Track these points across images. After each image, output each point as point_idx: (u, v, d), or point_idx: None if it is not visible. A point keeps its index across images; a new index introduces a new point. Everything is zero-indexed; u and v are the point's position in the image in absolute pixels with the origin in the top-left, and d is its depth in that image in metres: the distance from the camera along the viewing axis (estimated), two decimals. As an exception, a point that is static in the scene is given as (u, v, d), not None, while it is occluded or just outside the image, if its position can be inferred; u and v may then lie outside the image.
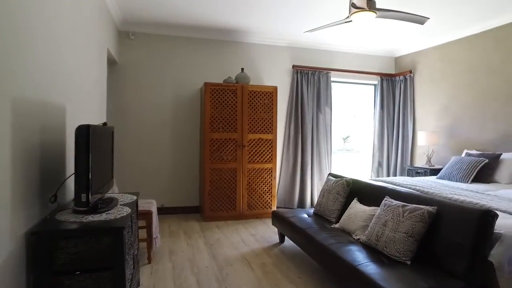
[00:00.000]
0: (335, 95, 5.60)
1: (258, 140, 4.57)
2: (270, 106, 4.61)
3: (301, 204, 5.29)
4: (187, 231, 4.03)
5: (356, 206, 2.94)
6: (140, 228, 3.12)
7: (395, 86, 5.82)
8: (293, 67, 5.21)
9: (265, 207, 4.65)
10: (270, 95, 4.60)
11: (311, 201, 5.34)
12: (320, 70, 5.34)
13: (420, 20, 3.11)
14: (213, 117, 4.37)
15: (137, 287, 2.36)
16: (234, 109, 4.44)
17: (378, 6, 2.94)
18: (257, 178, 4.59)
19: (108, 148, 2.22)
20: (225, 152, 4.44)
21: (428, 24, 4.38)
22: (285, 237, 3.51)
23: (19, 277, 1.50)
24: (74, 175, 1.71)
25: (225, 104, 4.41)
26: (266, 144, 4.61)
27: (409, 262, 2.16)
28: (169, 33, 4.73)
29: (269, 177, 4.65)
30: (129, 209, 1.93)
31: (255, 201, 4.60)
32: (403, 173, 5.57)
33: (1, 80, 1.33)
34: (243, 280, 2.73)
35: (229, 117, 4.43)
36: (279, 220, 3.46)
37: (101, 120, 3.32)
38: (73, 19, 2.33)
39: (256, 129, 4.55)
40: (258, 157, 4.58)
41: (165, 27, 4.64)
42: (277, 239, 3.69)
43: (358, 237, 2.64)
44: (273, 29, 4.65)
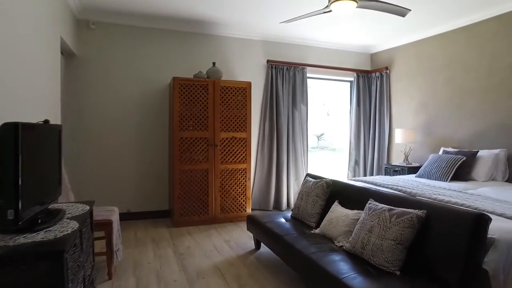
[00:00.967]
0: (310, 92, 5.42)
1: (231, 139, 4.29)
2: (243, 102, 4.34)
3: (277, 205, 5.07)
4: (155, 238, 3.69)
5: (337, 209, 2.74)
6: (98, 239, 2.77)
7: (371, 82, 5.72)
8: (268, 62, 4.97)
9: (239, 210, 4.39)
10: (243, 91, 4.33)
11: (287, 202, 5.14)
12: (295, 65, 5.13)
13: (401, 11, 2.96)
14: (182, 115, 4.05)
15: (91, 312, 2.03)
16: (205, 106, 4.14)
17: (359, -5, 2.75)
18: (231, 179, 4.32)
19: (52, 150, 1.87)
20: (196, 152, 4.13)
21: (403, 20, 4.28)
22: (262, 243, 3.27)
23: None
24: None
25: (196, 100, 4.10)
26: (239, 143, 4.34)
27: (398, 272, 1.97)
28: (134, 23, 4.34)
29: (243, 178, 4.39)
30: (77, 224, 1.60)
31: (229, 204, 4.32)
32: (380, 171, 5.49)
33: None
34: (216, 295, 2.46)
35: (200, 115, 4.12)
36: (254, 225, 3.21)
37: (54, 119, 2.92)
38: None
39: (229, 127, 4.27)
40: (231, 157, 4.30)
41: (130, 17, 4.26)
42: (252, 245, 3.44)
43: (341, 244, 2.44)
44: (246, 21, 4.38)
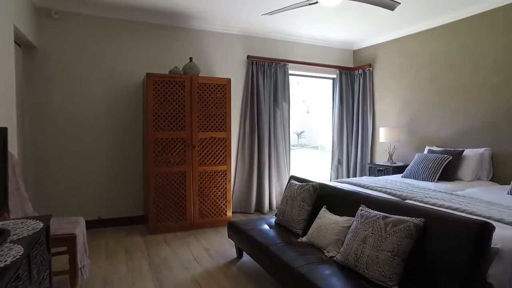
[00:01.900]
0: (291, 89, 5.23)
1: (210, 139, 4.03)
2: (223, 100, 4.08)
3: (259, 208, 4.86)
4: (129, 248, 3.39)
5: (325, 216, 2.56)
6: (60, 254, 2.46)
7: (354, 80, 5.60)
8: (248, 57, 4.73)
9: (220, 214, 4.14)
10: (223, 88, 4.08)
11: (270, 204, 4.93)
12: (277, 61, 4.92)
13: (390, 4, 2.79)
14: (157, 114, 3.75)
15: None
16: (181, 104, 3.85)
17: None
18: (210, 182, 4.06)
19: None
20: (172, 153, 3.84)
21: (386, 16, 4.17)
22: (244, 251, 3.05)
23: None
24: None
25: (171, 98, 3.81)
26: (219, 143, 4.09)
27: (396, 287, 1.80)
28: (103, 14, 3.99)
29: (223, 181, 4.14)
30: (22, 249, 1.32)
31: (208, 208, 4.07)
32: (363, 171, 5.38)
33: None
34: (194, 315, 2.22)
35: (176, 114, 3.84)
36: (236, 233, 2.97)
37: (6, 119, 2.57)
38: None
39: (207, 126, 4.01)
40: (210, 158, 4.05)
41: (99, 7, 3.90)
42: (234, 254, 3.21)
43: (331, 255, 2.25)
44: (225, 14, 4.12)
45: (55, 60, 3.81)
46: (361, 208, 2.27)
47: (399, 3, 2.79)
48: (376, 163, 4.88)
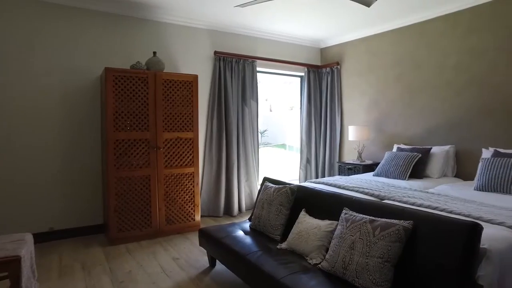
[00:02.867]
0: (260, 87, 5.08)
1: (176, 139, 3.76)
2: (189, 98, 3.83)
3: (228, 211, 4.66)
4: (86, 263, 3.03)
5: (306, 220, 2.42)
6: (1, 279, 2.10)
7: (321, 78, 5.57)
8: (215, 53, 4.50)
9: (187, 219, 3.88)
10: (189, 85, 3.82)
11: (239, 207, 4.75)
12: (245, 58, 4.74)
13: (367, 1, 2.72)
14: (117, 113, 3.41)
15: None
16: (145, 102, 3.55)
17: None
18: (177, 185, 3.79)
19: None
20: (135, 156, 3.52)
21: (354, 15, 4.17)
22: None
23: None
24: None
25: (134, 95, 3.49)
26: (186, 144, 3.83)
27: (388, 296, 1.70)
28: (55, 0, 3.55)
29: (191, 184, 3.89)
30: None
31: (175, 214, 3.80)
32: (332, 169, 5.37)
33: None
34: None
35: (139, 112, 3.53)
36: (209, 241, 2.76)
37: None
38: None
39: (173, 126, 3.73)
40: (176, 160, 3.77)
41: (45, -8, 3.47)
42: (206, 262, 2.99)
43: (314, 262, 2.12)
44: (191, 6, 3.86)
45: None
46: (344, 211, 2.16)
47: (376, 0, 2.73)
48: (345, 162, 4.88)
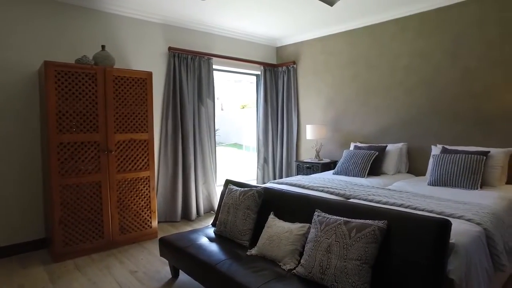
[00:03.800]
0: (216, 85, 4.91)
1: (129, 141, 3.47)
2: (143, 96, 3.56)
3: (186, 215, 4.44)
4: (25, 285, 2.66)
5: (275, 224, 2.34)
6: None
7: (278, 77, 5.56)
8: (170, 49, 4.25)
9: (144, 227, 3.62)
10: (143, 82, 3.55)
11: (197, 210, 4.55)
12: (201, 55, 4.54)
13: (330, 0, 2.71)
14: (61, 112, 3.04)
15: None
16: (93, 100, 3.21)
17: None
18: (131, 191, 3.50)
19: None
20: (83, 160, 3.18)
21: (310, 14, 4.20)
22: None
23: None
24: None
25: (80, 93, 3.14)
26: (140, 146, 3.56)
27: (368, 298, 1.68)
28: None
29: (147, 188, 3.63)
30: None
31: (130, 222, 3.51)
32: (290, 169, 5.39)
33: None
34: None
35: (87, 112, 3.19)
36: (171, 251, 2.56)
37: None
38: None
39: (126, 127, 3.44)
40: (130, 164, 3.49)
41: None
42: (168, 273, 2.79)
43: (289, 267, 2.04)
44: (143, -3, 3.58)
45: None
46: (317, 213, 2.11)
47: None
48: (303, 161, 4.91)
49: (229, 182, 3.06)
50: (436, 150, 3.66)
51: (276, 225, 2.32)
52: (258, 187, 2.72)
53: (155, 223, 3.70)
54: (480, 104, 3.54)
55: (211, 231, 2.80)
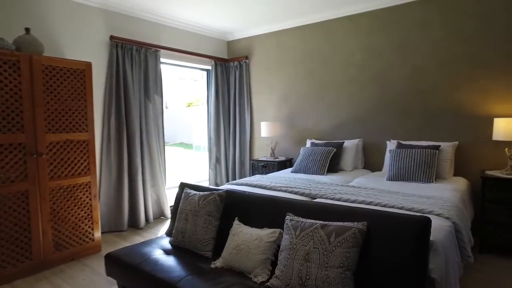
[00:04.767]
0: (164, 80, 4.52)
1: (65, 142, 2.99)
2: (82, 91, 3.08)
3: (133, 223, 4.01)
4: None
5: (242, 230, 2.11)
6: None
7: (229, 72, 5.31)
8: (112, 38, 3.77)
9: (84, 240, 3.15)
10: (80, 74, 3.07)
11: (146, 217, 4.14)
12: (147, 46, 4.12)
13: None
14: (-28, 108, 2.49)
15: None
16: (16, 93, 2.68)
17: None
18: (68, 200, 3.02)
19: None
20: (4, 166, 2.64)
21: (263, 7, 4.03)
22: None
23: None
24: None
25: (-2, 85, 2.60)
26: (78, 147, 3.08)
27: (353, 309, 1.53)
28: None
29: (87, 196, 3.16)
30: None
31: (67, 236, 3.02)
32: (243, 168, 5.19)
33: None
34: None
35: (7, 108, 2.64)
36: (121, 269, 2.19)
37: None
38: None
39: (60, 126, 2.95)
40: (67, 168, 3.00)
41: None
42: (115, 294, 2.41)
43: (261, 279, 1.83)
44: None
45: None
46: (289, 217, 1.93)
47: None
48: (258, 159, 4.73)
49: (185, 185, 2.76)
50: (391, 145, 3.71)
51: (242, 232, 2.09)
52: (219, 189, 2.46)
53: (98, 235, 3.25)
54: (428, 100, 3.66)
55: (166, 242, 2.48)
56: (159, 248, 2.37)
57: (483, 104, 3.38)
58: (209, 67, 5.12)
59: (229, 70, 5.30)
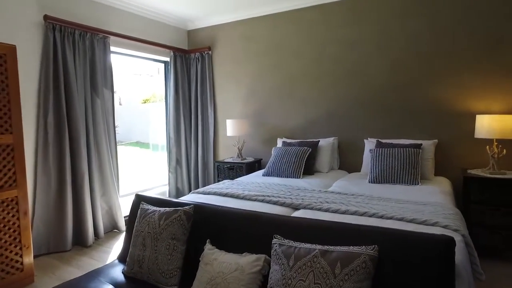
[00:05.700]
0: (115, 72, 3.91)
1: (-19, 148, 2.34)
2: (2, 81, 2.44)
3: (80, 240, 3.39)
4: None
5: (216, 258, 1.67)
6: None
7: (190, 64, 4.79)
8: (46, 19, 3.11)
9: (9, 271, 2.51)
10: (0, 60, 2.43)
11: (95, 232, 3.53)
12: (93, 31, 3.50)
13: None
14: None
15: None
16: None
17: None
18: (-12, 220, 2.38)
19: None
20: None
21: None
22: None
23: None
24: None
25: None
26: (0, 153, 2.44)
27: None
28: None
29: (13, 215, 2.53)
30: None
31: (-12, 266, 2.38)
32: (207, 170, 4.71)
33: None
34: None
35: None
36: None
37: None
38: None
39: (-26, 127, 2.30)
40: (-15, 180, 2.36)
41: None
42: None
43: (245, 325, 1.41)
44: None
45: None
46: (277, 240, 1.52)
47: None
48: (223, 161, 4.28)
49: (141, 198, 2.24)
50: (370, 144, 3.45)
51: (217, 261, 1.65)
52: (184, 204, 1.99)
53: (29, 261, 2.62)
54: (406, 96, 3.45)
55: (118, 272, 1.96)
56: (109, 282, 1.86)
57: (463, 100, 3.22)
58: (168, 59, 4.57)
59: (190, 62, 4.79)
